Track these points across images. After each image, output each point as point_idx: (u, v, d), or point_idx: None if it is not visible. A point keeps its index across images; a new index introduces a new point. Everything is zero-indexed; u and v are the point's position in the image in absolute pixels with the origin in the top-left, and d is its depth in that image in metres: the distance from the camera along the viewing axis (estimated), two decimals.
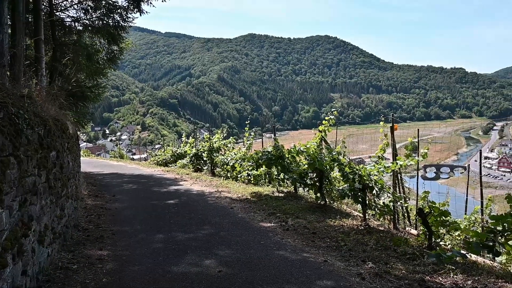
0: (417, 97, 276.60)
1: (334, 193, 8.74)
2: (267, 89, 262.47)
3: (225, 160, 14.47)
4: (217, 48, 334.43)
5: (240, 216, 7.81)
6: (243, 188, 11.28)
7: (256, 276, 4.51)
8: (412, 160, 6.95)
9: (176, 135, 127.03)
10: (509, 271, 4.92)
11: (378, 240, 5.98)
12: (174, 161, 20.43)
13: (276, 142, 10.23)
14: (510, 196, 4.03)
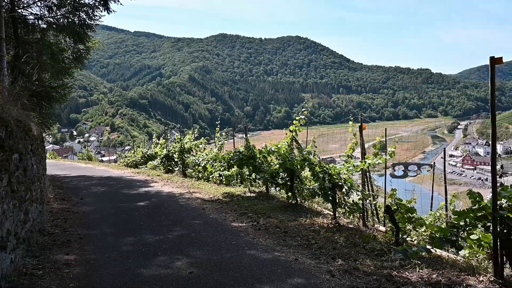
0: (385, 97, 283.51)
1: (305, 192, 8.83)
2: (238, 90, 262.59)
3: (196, 161, 14.37)
4: (188, 48, 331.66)
5: (212, 217, 7.78)
6: (215, 189, 11.24)
7: (227, 277, 4.50)
8: (380, 159, 7.11)
9: (146, 136, 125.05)
10: (471, 264, 5.11)
11: (347, 238, 6.09)
12: (145, 162, 20.11)
13: (247, 142, 10.25)
14: (471, 192, 4.20)
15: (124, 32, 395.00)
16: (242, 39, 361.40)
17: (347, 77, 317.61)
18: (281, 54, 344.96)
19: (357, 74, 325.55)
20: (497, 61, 3.80)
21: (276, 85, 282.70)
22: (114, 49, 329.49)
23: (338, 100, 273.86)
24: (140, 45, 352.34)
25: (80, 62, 11.31)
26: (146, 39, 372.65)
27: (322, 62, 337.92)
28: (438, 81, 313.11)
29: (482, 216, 4.13)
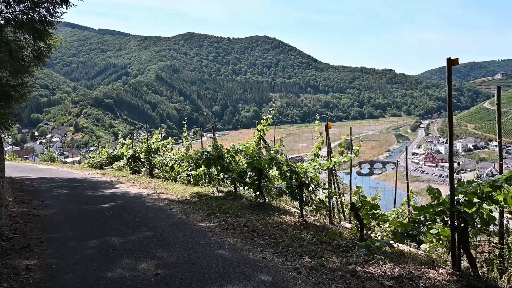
0: (352, 97, 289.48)
1: (273, 191, 8.89)
2: (207, 89, 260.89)
3: (163, 161, 14.18)
4: (154, 46, 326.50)
5: (179, 217, 7.70)
6: (183, 189, 11.13)
7: (194, 277, 4.48)
8: (346, 157, 7.25)
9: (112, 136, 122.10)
10: (431, 258, 5.31)
11: (314, 235, 6.18)
12: (110, 163, 19.65)
13: (215, 142, 10.21)
14: (430, 188, 4.36)
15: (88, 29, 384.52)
16: (210, 39, 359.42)
17: (315, 77, 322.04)
18: (250, 53, 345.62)
19: (324, 74, 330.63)
20: (453, 62, 3.97)
21: (244, 84, 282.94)
22: (77, 47, 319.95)
23: (306, 99, 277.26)
24: (105, 43, 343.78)
25: (41, 60, 10.88)
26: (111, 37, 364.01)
27: (290, 62, 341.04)
28: (401, 81, 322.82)
29: (441, 211, 4.30)
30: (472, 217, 4.32)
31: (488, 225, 4.70)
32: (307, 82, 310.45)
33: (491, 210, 4.71)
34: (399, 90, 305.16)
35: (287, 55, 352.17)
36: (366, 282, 4.25)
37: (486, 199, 4.32)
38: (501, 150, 4.89)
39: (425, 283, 4.19)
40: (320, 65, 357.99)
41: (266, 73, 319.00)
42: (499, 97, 4.79)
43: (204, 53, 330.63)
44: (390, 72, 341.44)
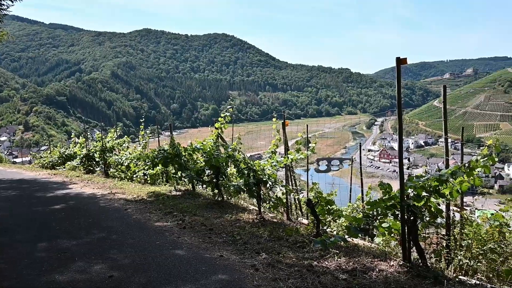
0: (309, 95, 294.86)
1: (231, 189, 8.87)
2: (165, 87, 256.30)
3: (119, 160, 13.80)
4: (109, 42, 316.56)
5: (135, 217, 7.51)
6: (139, 188, 10.88)
7: (150, 278, 4.38)
8: (302, 154, 7.36)
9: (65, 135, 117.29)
10: (384, 251, 5.50)
11: (272, 232, 6.23)
12: (63, 163, 18.84)
13: (172, 140, 10.04)
14: (382, 184, 4.51)
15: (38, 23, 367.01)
16: (167, 35, 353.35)
17: (273, 75, 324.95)
18: (208, 51, 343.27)
19: (283, 73, 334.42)
20: (402, 61, 4.12)
21: (203, 82, 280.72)
22: (26, 42, 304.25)
23: (264, 97, 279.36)
24: (57, 38, 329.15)
25: None
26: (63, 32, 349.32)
27: (248, 60, 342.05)
28: (357, 80, 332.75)
29: (392, 205, 4.46)
30: (421, 210, 4.51)
31: (436, 218, 4.93)
32: (266, 80, 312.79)
33: (438, 203, 4.94)
34: (354, 88, 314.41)
35: (246, 53, 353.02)
36: (322, 277, 4.34)
37: (433, 193, 4.53)
38: (447, 146, 5.13)
39: (377, 275, 4.33)
40: (278, 63, 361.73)
41: (225, 71, 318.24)
42: (445, 96, 5.03)
43: (162, 50, 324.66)
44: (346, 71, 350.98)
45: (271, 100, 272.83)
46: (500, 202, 14.46)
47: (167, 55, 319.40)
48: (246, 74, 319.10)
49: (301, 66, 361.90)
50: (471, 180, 4.56)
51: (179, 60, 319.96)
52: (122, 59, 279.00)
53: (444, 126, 5.06)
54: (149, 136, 14.06)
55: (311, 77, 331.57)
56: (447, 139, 5.04)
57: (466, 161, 4.65)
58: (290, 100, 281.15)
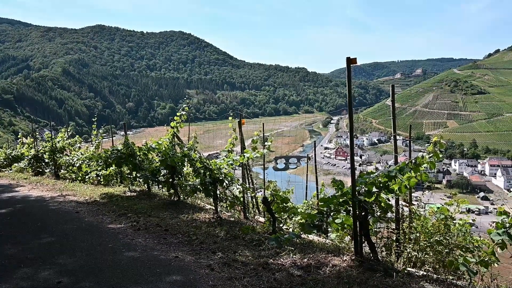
0: (267, 94, 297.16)
1: (187, 189, 8.77)
2: (119, 85, 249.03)
3: (70, 161, 13.24)
4: (60, 38, 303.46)
5: (87, 220, 7.24)
6: (92, 190, 10.50)
7: (102, 282, 4.23)
8: (258, 153, 7.40)
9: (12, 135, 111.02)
10: (338, 246, 5.64)
11: (228, 231, 6.21)
12: (9, 165, 17.82)
13: (126, 140, 9.77)
14: (334, 180, 4.61)
15: None
16: (122, 32, 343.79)
17: (231, 74, 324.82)
18: (164, 49, 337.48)
19: (241, 71, 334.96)
20: (352, 61, 4.23)
21: (160, 80, 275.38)
22: None
23: (222, 96, 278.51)
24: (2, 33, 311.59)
25: None
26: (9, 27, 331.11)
27: (206, 59, 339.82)
28: (313, 79, 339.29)
29: (344, 202, 4.57)
30: (372, 206, 4.66)
31: (386, 213, 5.11)
32: (224, 79, 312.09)
33: (388, 198, 5.12)
34: (311, 87, 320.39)
35: (203, 52, 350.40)
36: (277, 274, 4.37)
37: (383, 189, 4.69)
38: (395, 144, 5.33)
39: (331, 270, 4.43)
40: (236, 62, 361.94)
41: (182, 69, 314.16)
42: (393, 95, 5.21)
43: (116, 47, 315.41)
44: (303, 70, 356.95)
45: (229, 99, 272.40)
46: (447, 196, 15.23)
47: (122, 52, 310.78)
48: (203, 72, 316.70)
49: (258, 65, 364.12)
50: (418, 176, 4.76)
51: (135, 57, 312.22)
52: (74, 56, 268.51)
53: (393, 124, 5.25)
54: (103, 136, 13.58)
55: (269, 76, 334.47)
56: (395, 137, 5.23)
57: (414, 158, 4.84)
58: (248, 99, 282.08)
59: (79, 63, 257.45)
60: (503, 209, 3.67)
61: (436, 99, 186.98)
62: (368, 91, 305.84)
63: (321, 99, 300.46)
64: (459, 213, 5.95)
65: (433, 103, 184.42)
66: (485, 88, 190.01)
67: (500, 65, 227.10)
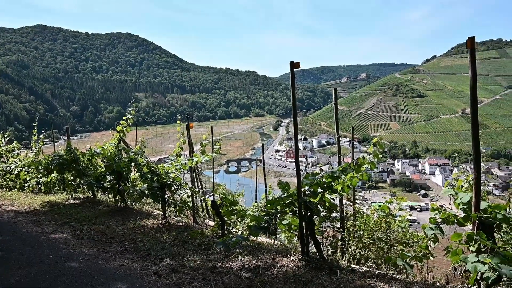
0: (218, 97, 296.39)
1: (134, 194, 8.54)
2: (63, 88, 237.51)
3: (7, 168, 12.45)
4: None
5: (26, 231, 6.84)
6: (31, 199, 9.94)
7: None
8: (207, 156, 7.36)
9: None
10: (286, 247, 5.73)
11: (177, 236, 6.13)
12: None
13: (69, 145, 9.35)
14: (281, 182, 4.70)
15: None
16: (65, 33, 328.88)
17: (181, 77, 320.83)
18: (111, 51, 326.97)
19: (191, 74, 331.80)
20: (295, 65, 4.35)
21: (106, 83, 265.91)
22: None
23: (172, 99, 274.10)
24: None
25: None
26: None
27: (155, 61, 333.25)
28: (263, 82, 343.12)
29: (290, 203, 4.67)
30: (317, 206, 4.79)
31: (332, 212, 5.27)
32: (174, 82, 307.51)
33: (333, 198, 5.29)
34: (261, 91, 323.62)
35: (152, 54, 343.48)
36: (225, 277, 4.37)
37: (327, 189, 4.84)
38: (339, 145, 5.53)
39: (278, 271, 4.50)
40: (186, 65, 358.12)
41: (130, 72, 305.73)
42: (336, 98, 5.40)
43: (59, 48, 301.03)
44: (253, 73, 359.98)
45: (179, 102, 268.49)
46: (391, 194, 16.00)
47: (65, 54, 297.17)
48: (153, 75, 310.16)
49: (209, 68, 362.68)
50: (360, 176, 4.97)
51: (79, 59, 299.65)
52: (12, 57, 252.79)
53: (336, 126, 5.44)
54: (44, 141, 12.90)
55: (219, 79, 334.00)
56: (338, 138, 5.42)
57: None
58: (199, 102, 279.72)
59: (18, 64, 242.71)
60: (436, 205, 3.92)
61: (380, 102, 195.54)
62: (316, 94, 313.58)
63: (271, 102, 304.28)
64: (400, 210, 6.28)
65: (377, 106, 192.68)
66: (424, 92, 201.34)
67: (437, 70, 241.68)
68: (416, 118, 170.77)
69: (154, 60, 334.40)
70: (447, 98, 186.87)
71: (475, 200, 3.37)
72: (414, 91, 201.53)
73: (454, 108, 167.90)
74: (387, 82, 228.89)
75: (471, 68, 3.38)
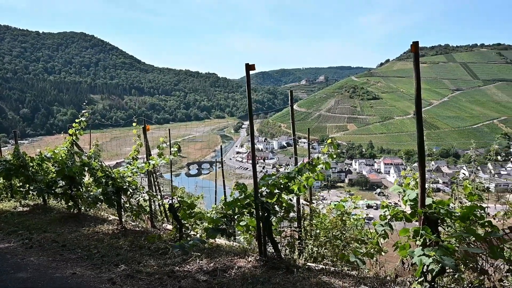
0: (178, 99, 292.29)
1: (89, 200, 8.26)
2: (11, 89, 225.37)
3: None
4: None
5: None
6: None
7: None
8: (165, 159, 7.25)
9: None
10: (244, 248, 5.75)
11: (133, 241, 5.99)
12: None
13: (16, 149, 8.90)
14: (238, 184, 4.71)
15: None
16: (13, 31, 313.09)
17: (139, 78, 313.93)
18: (64, 51, 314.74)
19: (149, 76, 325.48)
20: (251, 67, 4.38)
21: (59, 84, 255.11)
22: None
23: (130, 101, 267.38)
24: None
25: None
26: None
27: (111, 62, 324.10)
28: (224, 84, 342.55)
29: (247, 204, 4.69)
30: (274, 207, 4.84)
31: (289, 212, 5.35)
32: (132, 83, 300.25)
33: (290, 199, 5.37)
34: (222, 93, 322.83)
35: (108, 55, 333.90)
36: (183, 281, 4.33)
37: (284, 190, 4.91)
38: (295, 146, 5.62)
39: (236, 272, 4.51)
40: (144, 66, 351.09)
41: (85, 73, 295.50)
42: (291, 100, 5.49)
43: (7, 48, 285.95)
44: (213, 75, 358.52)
45: (137, 104, 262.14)
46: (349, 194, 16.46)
47: (14, 53, 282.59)
48: (109, 77, 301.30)
49: (168, 70, 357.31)
50: (316, 176, 5.07)
51: (29, 59, 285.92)
52: None
53: (292, 128, 5.53)
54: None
55: (179, 81, 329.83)
56: (295, 140, 5.51)
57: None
58: (158, 104, 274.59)
59: None
60: (386, 202, 4.08)
61: (338, 104, 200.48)
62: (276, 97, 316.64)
63: (232, 104, 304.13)
64: (355, 208, 6.47)
65: (335, 107, 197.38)
66: (379, 94, 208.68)
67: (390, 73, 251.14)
68: (371, 120, 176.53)
69: (110, 61, 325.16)
70: (400, 100, 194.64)
71: (421, 197, 3.54)
72: (369, 93, 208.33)
73: (406, 110, 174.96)
74: (344, 85, 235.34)
75: (415, 72, 3.55)
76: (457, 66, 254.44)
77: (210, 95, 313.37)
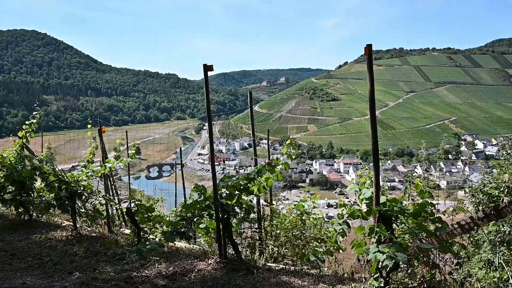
0: (137, 100, 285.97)
1: (41, 206, 7.89)
2: None
3: None
4: None
5: None
6: None
7: None
8: (122, 162, 7.06)
9: None
10: (204, 251, 5.70)
11: (88, 247, 5.78)
12: None
13: None
14: (196, 186, 4.66)
15: None
16: None
17: (96, 78, 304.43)
18: (14, 49, 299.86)
19: (106, 76, 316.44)
20: (209, 68, 4.35)
21: (9, 84, 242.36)
22: None
23: (87, 103, 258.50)
24: None
25: None
26: None
27: (66, 62, 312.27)
28: (184, 85, 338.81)
29: (207, 206, 4.65)
30: (233, 208, 4.82)
31: (249, 214, 5.34)
32: (88, 84, 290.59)
33: (250, 200, 5.37)
34: (182, 94, 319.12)
35: (63, 54, 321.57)
36: (140, 286, 4.22)
37: (243, 191, 4.90)
38: (255, 147, 5.63)
39: (196, 275, 4.45)
40: (101, 66, 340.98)
41: (37, 73, 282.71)
42: (251, 101, 5.50)
43: None
44: (174, 76, 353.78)
45: (94, 106, 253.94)
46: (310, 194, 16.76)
47: None
48: (63, 77, 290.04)
49: (126, 70, 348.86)
50: (275, 176, 5.10)
51: None
52: None
53: (252, 129, 5.54)
54: None
55: (138, 81, 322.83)
56: (254, 141, 5.53)
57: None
58: (116, 105, 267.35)
59: None
60: (343, 201, 4.17)
61: (298, 105, 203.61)
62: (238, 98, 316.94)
63: (193, 106, 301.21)
64: (314, 208, 6.57)
65: (295, 109, 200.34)
66: (338, 96, 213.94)
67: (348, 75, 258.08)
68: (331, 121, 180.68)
69: (65, 61, 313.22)
70: (358, 102, 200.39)
71: (375, 195, 3.65)
72: (329, 95, 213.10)
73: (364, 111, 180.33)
74: (304, 86, 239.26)
75: (369, 74, 3.65)
76: (411, 69, 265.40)
77: (171, 96, 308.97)
